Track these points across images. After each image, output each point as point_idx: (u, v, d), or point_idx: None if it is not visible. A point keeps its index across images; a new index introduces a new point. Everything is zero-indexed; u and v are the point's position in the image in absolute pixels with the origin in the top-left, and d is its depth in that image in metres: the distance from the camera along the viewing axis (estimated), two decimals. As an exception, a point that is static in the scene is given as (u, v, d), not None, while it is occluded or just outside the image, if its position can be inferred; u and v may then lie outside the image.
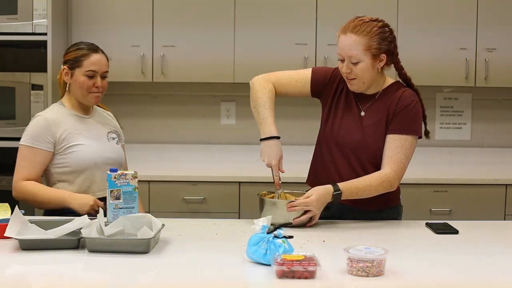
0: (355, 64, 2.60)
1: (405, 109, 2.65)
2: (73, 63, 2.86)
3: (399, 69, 2.75)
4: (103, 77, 2.89)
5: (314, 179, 2.81)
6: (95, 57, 2.87)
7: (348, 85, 2.69)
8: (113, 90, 4.48)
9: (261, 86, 2.76)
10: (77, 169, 2.80)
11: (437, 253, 2.27)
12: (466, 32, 4.22)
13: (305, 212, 2.55)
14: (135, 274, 2.02)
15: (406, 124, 2.65)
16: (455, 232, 2.52)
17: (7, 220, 2.32)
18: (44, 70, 3.92)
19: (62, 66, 2.91)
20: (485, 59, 4.21)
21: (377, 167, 2.67)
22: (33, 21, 3.89)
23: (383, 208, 2.75)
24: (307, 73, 2.80)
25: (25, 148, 2.80)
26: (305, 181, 2.85)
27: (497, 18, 4.22)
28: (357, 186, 2.59)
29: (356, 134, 2.68)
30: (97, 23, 4.21)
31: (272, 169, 2.66)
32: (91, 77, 2.85)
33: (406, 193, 3.89)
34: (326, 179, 2.68)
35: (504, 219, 3.92)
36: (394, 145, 2.63)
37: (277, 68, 4.22)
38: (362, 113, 2.71)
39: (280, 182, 2.67)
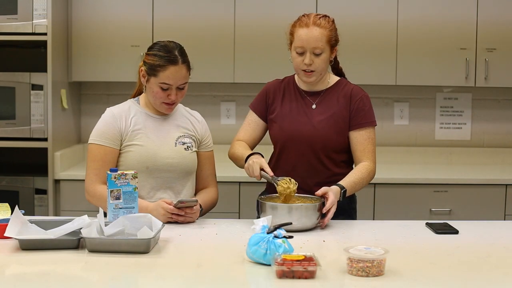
0: (318, 55, 2.72)
1: (360, 104, 2.80)
2: (149, 70, 2.65)
3: (337, 63, 2.89)
4: (180, 88, 2.68)
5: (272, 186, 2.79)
6: (172, 70, 2.63)
7: (305, 78, 2.77)
8: (113, 90, 4.52)
9: (232, 146, 2.91)
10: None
11: (437, 253, 2.27)
12: (466, 32, 4.21)
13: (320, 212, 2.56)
14: (135, 274, 2.02)
15: (365, 117, 2.80)
16: (455, 232, 2.52)
17: (7, 220, 2.32)
18: (44, 70, 3.92)
19: (142, 63, 2.70)
20: (485, 59, 4.20)
21: (332, 160, 2.77)
22: (33, 21, 3.88)
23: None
24: (250, 114, 2.96)
25: (94, 147, 2.66)
26: None
27: (497, 18, 4.21)
28: (354, 181, 2.70)
29: (309, 126, 2.77)
30: (97, 23, 4.21)
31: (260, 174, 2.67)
32: (165, 89, 2.65)
33: (406, 193, 3.92)
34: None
35: (504, 219, 3.91)
36: (362, 138, 2.79)
37: (277, 69, 4.24)
38: (313, 106, 2.81)
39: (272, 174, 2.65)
